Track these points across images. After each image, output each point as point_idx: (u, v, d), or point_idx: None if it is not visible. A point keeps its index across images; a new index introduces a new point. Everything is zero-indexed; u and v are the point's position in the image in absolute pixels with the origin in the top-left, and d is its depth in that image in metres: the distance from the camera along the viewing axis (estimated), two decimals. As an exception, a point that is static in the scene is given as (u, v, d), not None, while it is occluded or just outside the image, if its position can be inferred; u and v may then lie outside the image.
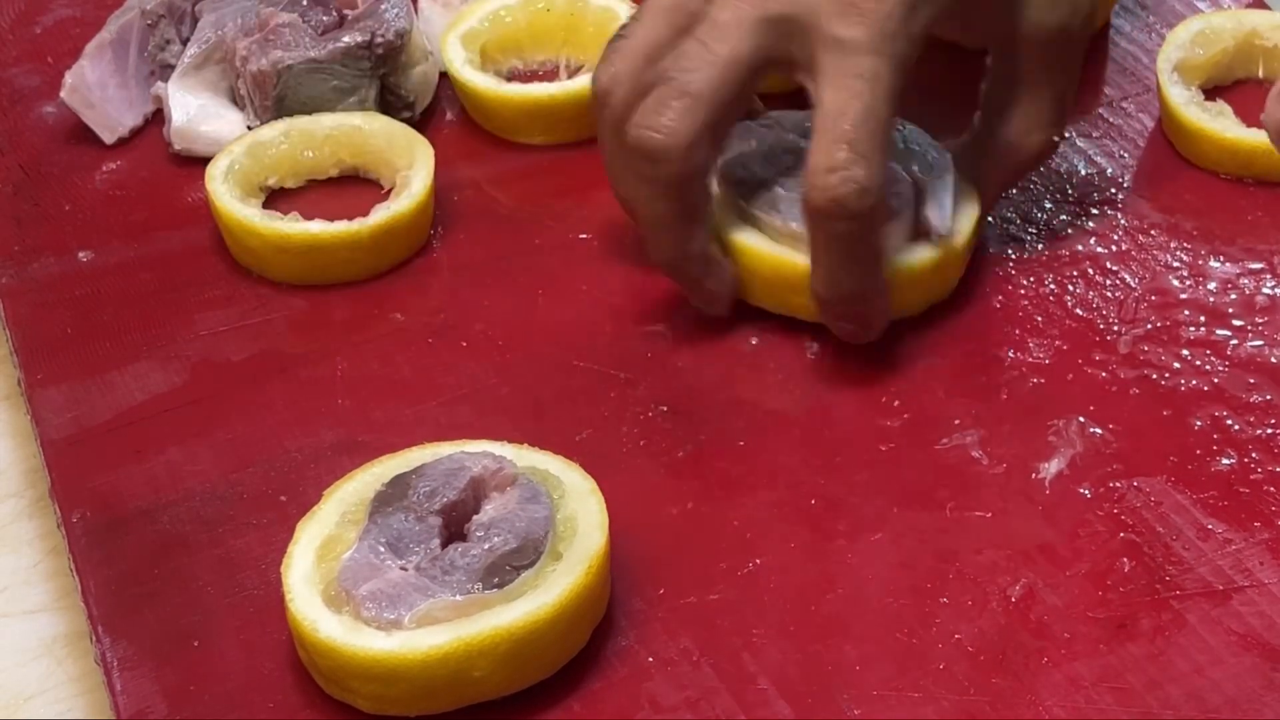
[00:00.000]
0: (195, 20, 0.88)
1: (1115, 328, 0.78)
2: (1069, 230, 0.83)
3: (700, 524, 0.70)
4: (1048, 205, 0.84)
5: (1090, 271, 0.81)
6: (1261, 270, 0.80)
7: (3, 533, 0.76)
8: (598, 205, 0.86)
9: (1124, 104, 0.91)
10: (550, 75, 0.93)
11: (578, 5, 0.93)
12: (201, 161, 0.85)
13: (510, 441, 0.71)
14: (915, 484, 0.71)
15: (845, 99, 0.70)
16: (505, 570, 0.63)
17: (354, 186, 0.87)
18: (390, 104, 0.89)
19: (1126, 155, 0.87)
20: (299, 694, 0.65)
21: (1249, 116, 0.86)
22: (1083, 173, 0.86)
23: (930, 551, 0.68)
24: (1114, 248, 0.82)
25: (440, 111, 0.92)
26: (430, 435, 0.71)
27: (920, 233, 0.76)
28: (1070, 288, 0.80)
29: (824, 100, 0.71)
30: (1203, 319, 0.78)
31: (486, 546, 0.64)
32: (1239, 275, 0.80)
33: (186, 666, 0.66)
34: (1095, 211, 0.84)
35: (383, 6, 0.88)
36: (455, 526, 0.66)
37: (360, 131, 0.86)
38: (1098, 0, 0.77)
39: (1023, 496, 0.70)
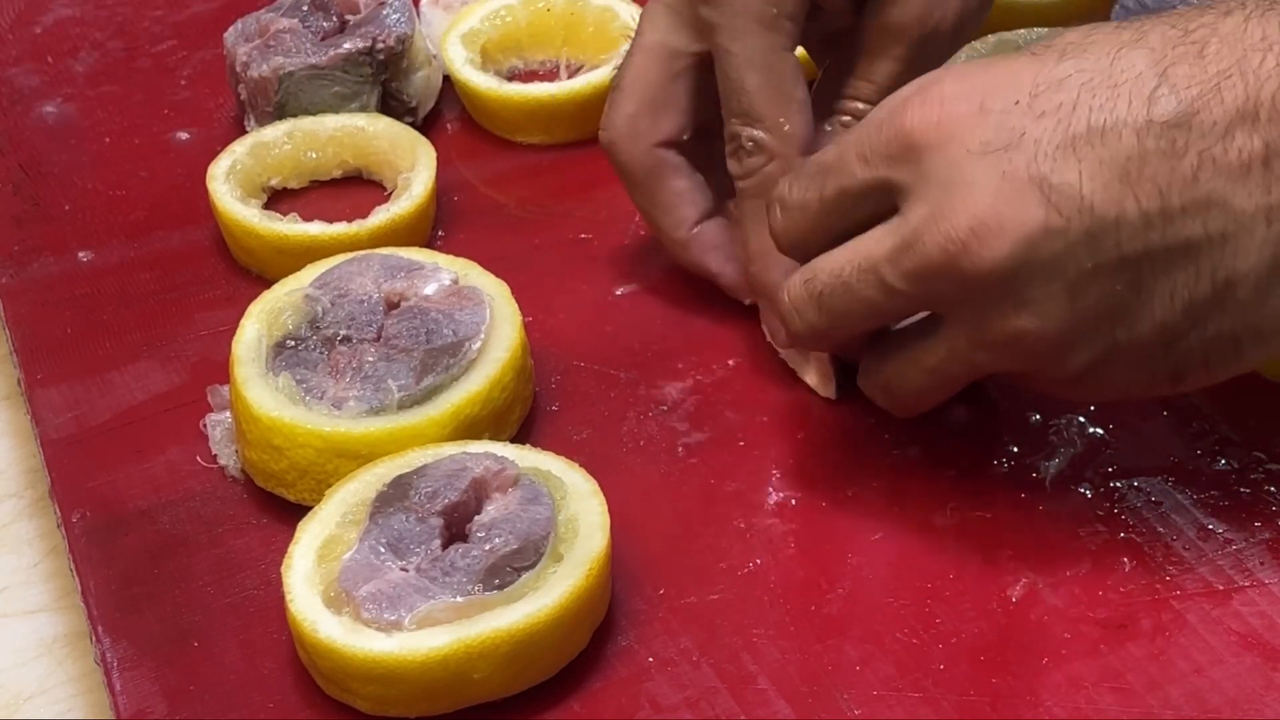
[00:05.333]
0: None
1: (1115, 328, 0.78)
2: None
3: (700, 524, 0.70)
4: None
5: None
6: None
7: (3, 533, 0.76)
8: (598, 205, 0.86)
9: (1124, 104, 0.91)
10: (550, 75, 0.93)
11: (578, 5, 0.93)
12: (202, 161, 0.85)
13: (512, 441, 0.71)
14: (915, 483, 0.71)
15: (720, 77, 0.73)
16: (506, 571, 0.63)
17: (357, 188, 0.87)
18: (392, 109, 0.89)
19: (1126, 155, 0.87)
20: (299, 694, 0.65)
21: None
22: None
23: (930, 551, 0.68)
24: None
25: (441, 112, 0.92)
26: (430, 435, 0.71)
27: None
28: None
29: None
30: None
31: (487, 547, 0.64)
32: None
33: (186, 666, 0.66)
34: (1095, 211, 0.84)
35: (384, 11, 0.88)
36: (456, 527, 0.66)
37: (364, 133, 0.86)
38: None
39: (1023, 496, 0.70)
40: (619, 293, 0.81)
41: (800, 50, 0.77)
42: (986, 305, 0.63)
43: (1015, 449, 0.72)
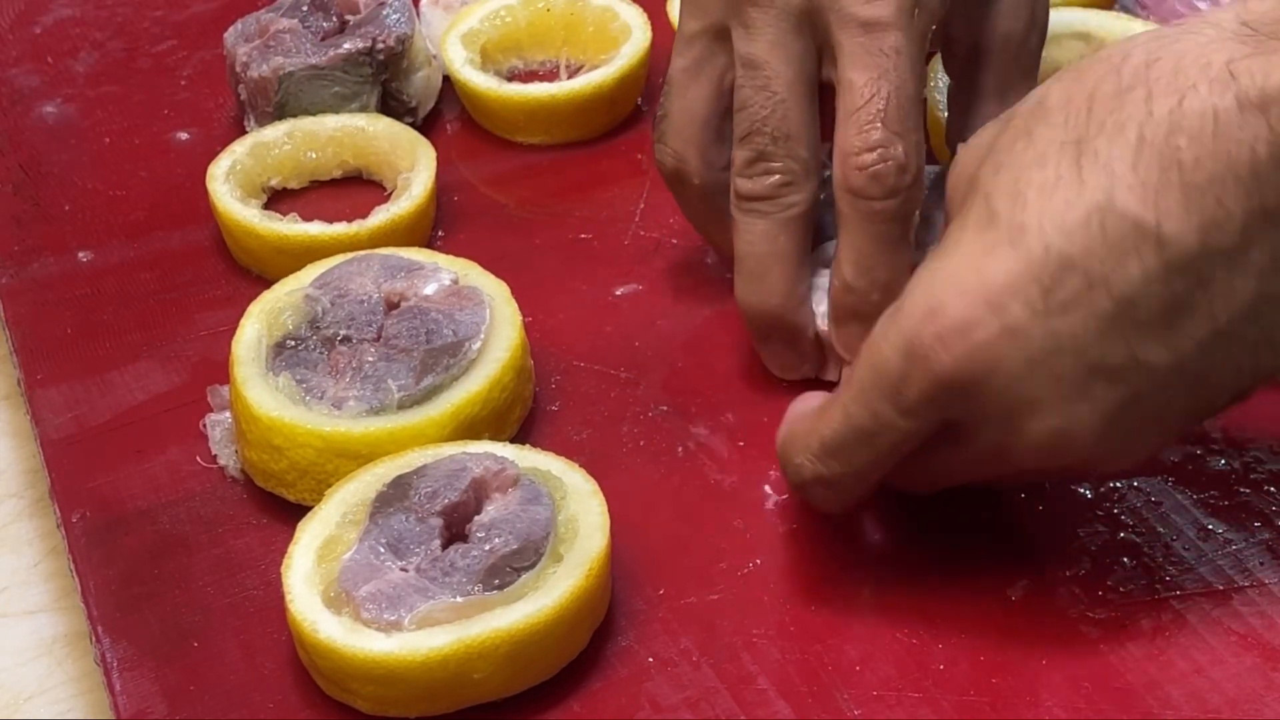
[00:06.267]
0: None
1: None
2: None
3: (700, 524, 0.70)
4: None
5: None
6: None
7: (3, 533, 0.76)
8: (598, 205, 0.86)
9: (1124, 104, 0.91)
10: (550, 75, 0.93)
11: (578, 5, 0.93)
12: (202, 161, 0.85)
13: (512, 441, 0.71)
14: (915, 484, 0.71)
15: (874, 77, 0.69)
16: (506, 572, 0.63)
17: (357, 188, 0.87)
18: (392, 109, 0.89)
19: (1126, 155, 0.87)
20: (299, 694, 0.65)
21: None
22: (1083, 173, 0.86)
23: (930, 551, 0.68)
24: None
25: (441, 112, 0.92)
26: (430, 435, 0.71)
27: None
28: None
29: (853, 81, 0.70)
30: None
31: (487, 548, 0.64)
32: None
33: (186, 666, 0.66)
34: (1095, 211, 0.84)
35: (384, 12, 0.88)
36: (456, 527, 0.66)
37: (364, 133, 0.86)
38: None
39: (1023, 496, 0.70)
40: (619, 293, 0.81)
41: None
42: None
43: (1015, 449, 0.72)
